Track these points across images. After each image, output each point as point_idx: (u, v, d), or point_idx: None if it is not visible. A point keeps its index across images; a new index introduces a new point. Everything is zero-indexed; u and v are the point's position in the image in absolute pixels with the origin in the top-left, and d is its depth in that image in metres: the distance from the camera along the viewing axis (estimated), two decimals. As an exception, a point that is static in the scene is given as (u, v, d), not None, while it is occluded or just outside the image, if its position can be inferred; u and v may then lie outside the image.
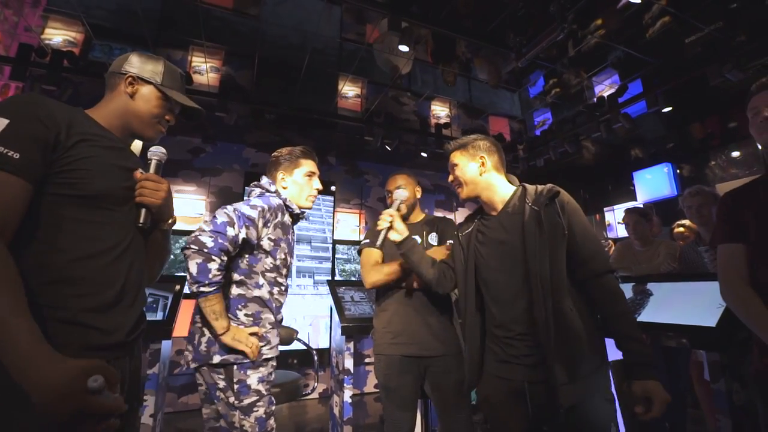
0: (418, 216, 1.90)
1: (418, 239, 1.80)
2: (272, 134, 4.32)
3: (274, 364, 1.40)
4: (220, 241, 1.22)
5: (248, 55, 4.05)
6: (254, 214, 1.31)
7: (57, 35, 3.43)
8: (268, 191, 1.48)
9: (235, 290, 1.34)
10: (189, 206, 4.09)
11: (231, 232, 1.24)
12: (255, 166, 4.49)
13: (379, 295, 1.80)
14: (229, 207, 1.30)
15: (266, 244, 1.37)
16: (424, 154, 4.50)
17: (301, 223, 4.63)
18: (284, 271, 1.46)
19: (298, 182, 1.51)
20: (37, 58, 3.04)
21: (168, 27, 3.80)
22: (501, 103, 5.57)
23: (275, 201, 1.41)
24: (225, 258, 1.25)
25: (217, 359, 1.27)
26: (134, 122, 1.00)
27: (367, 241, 1.86)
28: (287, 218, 1.47)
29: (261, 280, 1.37)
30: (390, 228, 1.45)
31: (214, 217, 1.27)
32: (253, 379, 1.30)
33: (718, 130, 4.12)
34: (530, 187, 1.26)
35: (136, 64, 1.00)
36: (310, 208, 1.56)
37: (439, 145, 4.51)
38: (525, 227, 1.17)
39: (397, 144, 4.27)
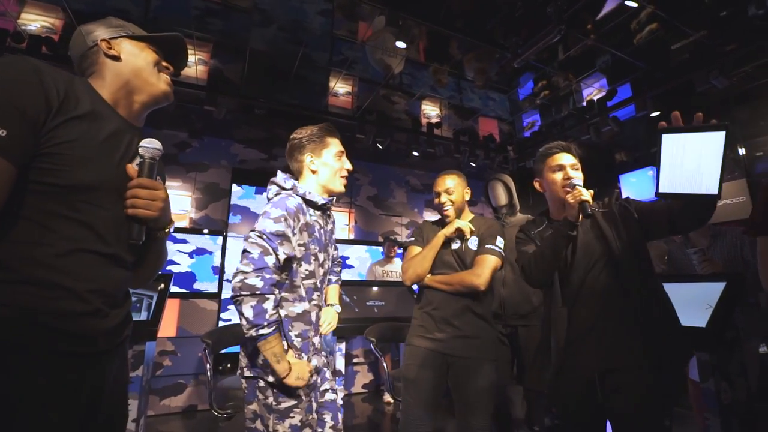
0: (466, 217, 1.91)
1: (459, 242, 1.80)
2: (261, 130, 4.23)
3: (315, 364, 1.28)
4: (267, 276, 1.12)
5: (237, 49, 3.95)
6: (281, 227, 1.18)
7: (35, 21, 3.27)
8: (284, 189, 1.32)
9: (281, 311, 1.23)
10: (173, 202, 3.94)
11: (271, 260, 1.14)
12: (243, 162, 4.39)
13: (420, 291, 1.84)
14: (253, 233, 1.17)
15: (298, 251, 1.24)
16: (415, 153, 4.48)
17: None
18: (321, 273, 1.33)
19: (328, 164, 1.36)
20: (13, 43, 2.89)
21: (155, 17, 3.66)
22: (490, 104, 5.60)
23: (293, 203, 1.25)
24: (278, 291, 1.16)
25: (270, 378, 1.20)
26: (140, 83, 0.88)
27: (412, 238, 1.91)
28: (310, 216, 1.30)
29: (302, 292, 1.26)
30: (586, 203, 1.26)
31: (247, 252, 1.15)
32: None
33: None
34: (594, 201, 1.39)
35: (96, 30, 0.88)
36: (343, 192, 1.42)
37: (430, 144, 4.49)
38: (601, 227, 1.30)
39: (388, 143, 4.24)
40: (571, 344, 1.26)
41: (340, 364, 2.41)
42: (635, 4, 2.67)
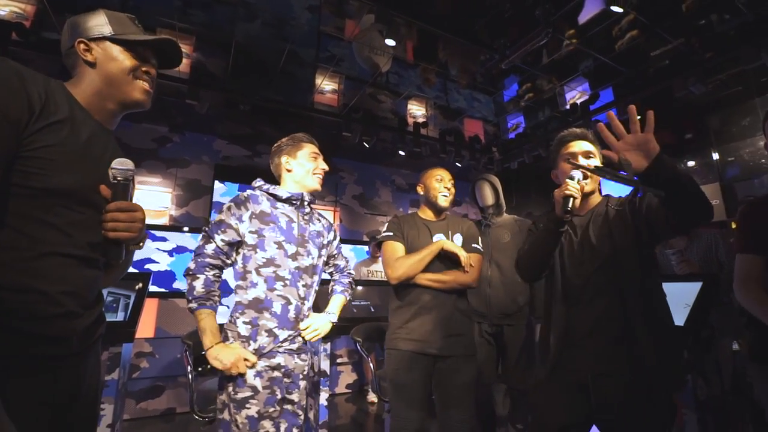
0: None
1: (442, 236, 1.78)
2: (245, 126, 4.14)
3: (280, 362, 1.29)
4: (200, 260, 1.30)
5: (221, 42, 3.85)
6: (223, 216, 1.34)
7: (5, 6, 3.10)
8: (253, 187, 1.46)
9: (234, 297, 1.34)
10: (153, 199, 3.84)
11: (210, 247, 1.31)
12: (226, 158, 4.29)
13: (399, 290, 1.77)
14: (208, 224, 1.36)
15: (250, 238, 1.33)
16: (401, 153, 4.48)
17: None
18: (293, 265, 1.36)
19: (302, 163, 1.47)
20: (-20, 28, 2.73)
21: (135, 5, 3.54)
22: (476, 105, 5.65)
23: (245, 194, 1.39)
24: (212, 272, 1.31)
25: None
26: (112, 90, 0.87)
27: (390, 233, 1.82)
28: (270, 207, 1.39)
29: (255, 278, 1.32)
30: (576, 199, 1.21)
31: (199, 243, 1.34)
32: (249, 372, 1.24)
33: (675, 141, 4.39)
34: (613, 198, 1.33)
35: (78, 28, 0.86)
36: (318, 190, 1.50)
37: (416, 144, 4.49)
38: (610, 226, 1.23)
39: (374, 141, 4.22)
40: (569, 344, 1.21)
41: (325, 365, 2.38)
42: (620, 10, 2.73)
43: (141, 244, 0.94)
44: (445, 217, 1.91)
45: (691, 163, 4.28)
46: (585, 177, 1.25)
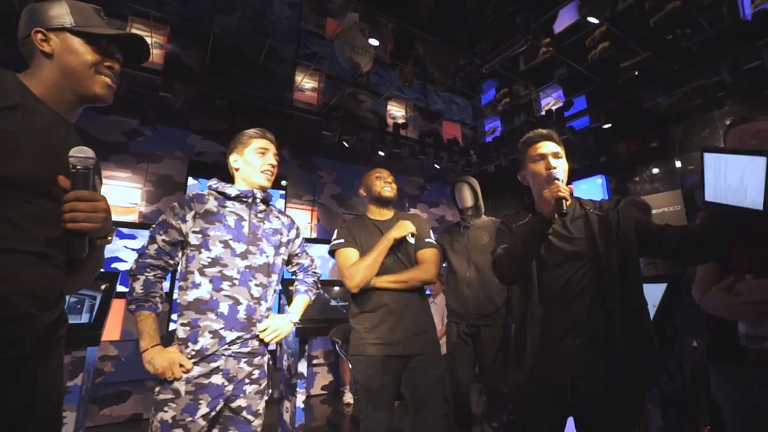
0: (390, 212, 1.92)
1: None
2: (221, 122, 4.03)
3: (221, 366, 1.23)
4: (140, 260, 1.28)
5: (198, 35, 3.73)
6: (165, 216, 1.33)
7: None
8: (207, 187, 1.45)
9: (177, 298, 1.31)
10: (121, 195, 3.67)
11: (153, 247, 1.29)
12: (201, 154, 4.15)
13: (359, 296, 1.73)
14: (154, 224, 1.34)
15: (193, 238, 1.30)
16: (381, 153, 4.48)
17: (250, 218, 4.37)
18: (242, 264, 1.32)
19: (249, 160, 1.44)
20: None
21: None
22: (454, 108, 5.74)
23: (190, 195, 1.36)
24: (153, 273, 1.28)
25: None
26: (71, 83, 0.83)
27: (341, 240, 1.79)
28: (212, 206, 1.35)
29: (198, 278, 1.27)
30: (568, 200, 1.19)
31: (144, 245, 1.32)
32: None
33: (641, 148, 4.61)
34: (584, 200, 1.35)
35: (37, 16, 0.82)
36: (267, 187, 1.45)
37: (396, 145, 4.51)
38: (592, 229, 1.23)
39: (354, 141, 4.20)
40: (547, 346, 1.21)
41: (302, 366, 2.34)
42: (596, 21, 2.84)
43: (108, 237, 0.88)
44: (394, 214, 1.92)
45: (655, 170, 4.51)
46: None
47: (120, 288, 3.42)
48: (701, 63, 3.00)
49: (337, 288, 4.28)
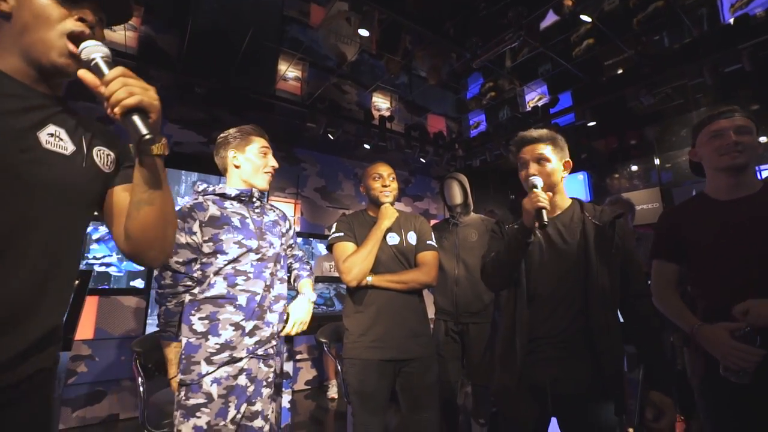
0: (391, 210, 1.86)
1: (397, 237, 1.74)
2: (200, 111, 3.85)
3: (245, 367, 1.26)
4: (159, 291, 1.27)
5: (174, 18, 3.53)
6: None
7: None
8: (197, 192, 1.40)
9: (187, 298, 1.28)
10: (92, 186, 3.47)
11: (167, 276, 1.26)
12: (179, 144, 3.97)
13: (355, 293, 1.69)
14: None
15: (206, 247, 1.28)
16: (367, 146, 4.41)
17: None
18: (254, 258, 1.33)
19: (251, 159, 1.41)
20: None
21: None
22: (440, 102, 5.70)
23: (187, 204, 1.31)
24: (174, 301, 1.27)
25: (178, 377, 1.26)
26: (36, 48, 0.67)
27: (340, 234, 1.74)
28: (215, 210, 1.32)
29: (214, 279, 1.27)
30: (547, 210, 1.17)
31: (156, 271, 1.29)
32: (206, 378, 1.19)
33: (622, 146, 4.72)
34: (586, 203, 1.31)
35: None
36: (265, 189, 1.45)
37: (381, 137, 4.44)
38: (587, 238, 1.21)
39: (339, 133, 4.11)
40: (532, 349, 1.23)
41: (288, 366, 2.29)
42: (589, 19, 2.84)
43: (164, 141, 0.70)
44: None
45: (634, 168, 4.62)
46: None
47: (91, 284, 3.26)
48: (683, 64, 3.06)
49: (320, 285, 4.22)
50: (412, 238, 1.78)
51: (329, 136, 3.99)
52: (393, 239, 1.75)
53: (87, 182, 0.75)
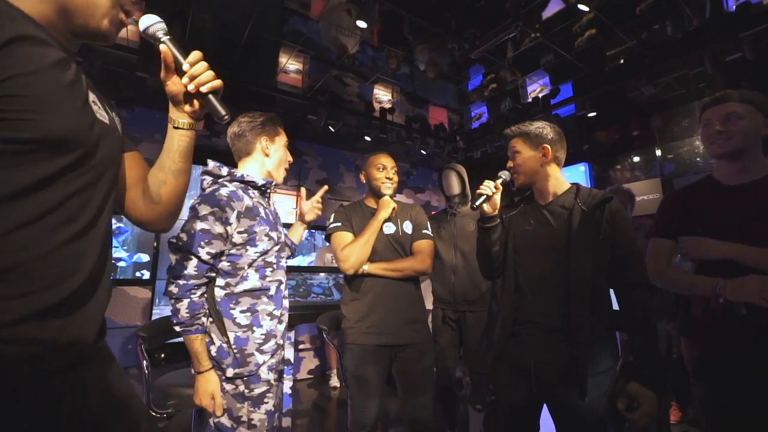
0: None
1: (393, 226, 1.77)
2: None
3: (284, 355, 1.38)
4: (181, 282, 1.17)
5: (175, 11, 3.55)
6: (207, 225, 1.18)
7: None
8: (219, 177, 1.30)
9: (220, 292, 1.23)
10: (97, 179, 3.52)
11: (191, 266, 1.17)
12: (180, 137, 4.01)
13: (353, 281, 1.74)
14: (172, 240, 1.18)
15: (238, 238, 1.23)
16: (367, 138, 4.42)
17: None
18: (276, 248, 1.35)
19: (279, 152, 1.40)
20: None
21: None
22: (441, 94, 5.68)
23: (224, 192, 1.21)
24: (198, 293, 1.20)
25: (230, 372, 1.21)
26: (86, 9, 0.62)
27: (338, 224, 1.78)
28: (248, 200, 1.26)
29: (246, 272, 1.25)
30: (490, 197, 1.30)
31: (168, 259, 1.20)
32: (263, 367, 1.23)
33: (623, 137, 4.69)
34: (584, 189, 1.31)
35: None
36: (280, 183, 1.46)
37: (382, 129, 4.45)
38: (571, 224, 1.22)
39: (340, 125, 4.13)
40: (516, 332, 1.26)
41: (289, 353, 2.35)
42: (586, 8, 2.82)
43: (196, 114, 0.79)
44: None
45: (636, 159, 4.60)
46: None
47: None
48: (684, 53, 3.03)
49: (322, 274, 4.27)
50: (408, 227, 1.82)
51: (330, 128, 4.00)
52: (389, 228, 1.79)
53: (121, 155, 0.74)
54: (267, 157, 1.37)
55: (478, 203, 1.27)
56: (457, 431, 2.44)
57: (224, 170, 1.30)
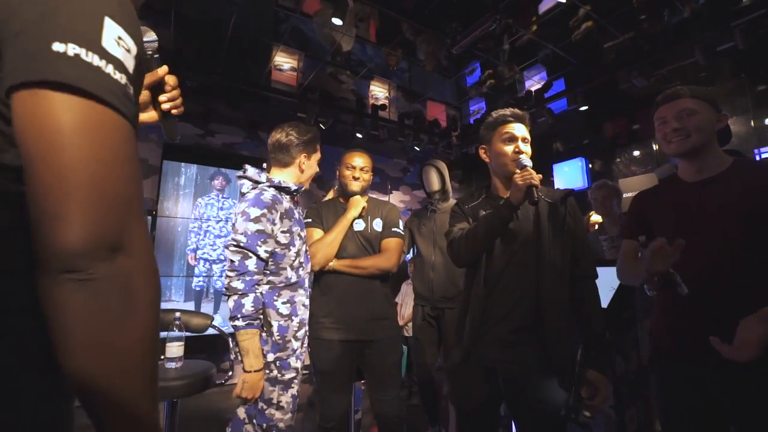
0: (364, 198, 1.91)
1: (363, 223, 1.78)
2: (196, 104, 3.94)
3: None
4: (248, 278, 1.28)
5: (163, 10, 3.59)
6: (261, 226, 1.31)
7: None
8: (258, 182, 1.42)
9: (264, 287, 1.36)
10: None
11: (252, 263, 1.29)
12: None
13: (319, 278, 1.76)
14: (232, 243, 1.29)
15: (282, 238, 1.37)
16: (359, 136, 4.43)
17: (227, 202, 4.34)
18: (304, 246, 1.50)
19: (312, 167, 1.53)
20: None
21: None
22: (439, 89, 5.64)
23: (268, 196, 1.35)
24: (259, 289, 1.33)
25: (270, 357, 1.34)
26: None
27: (309, 220, 1.80)
28: (286, 203, 1.42)
29: (286, 269, 1.40)
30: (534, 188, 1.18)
31: (230, 260, 1.29)
32: (291, 356, 1.36)
33: (624, 131, 4.60)
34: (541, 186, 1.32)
35: None
36: (307, 188, 1.59)
37: (374, 126, 4.45)
38: (540, 216, 1.23)
39: (332, 123, 4.14)
40: (483, 331, 1.23)
41: (272, 348, 2.38)
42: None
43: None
44: (368, 200, 1.90)
45: (636, 153, 4.51)
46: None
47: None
48: (675, 44, 2.96)
49: (316, 271, 4.26)
50: (378, 224, 1.82)
51: (320, 125, 4.02)
52: (359, 225, 1.79)
53: None
54: (301, 172, 1.50)
55: (536, 197, 1.15)
56: (438, 427, 2.44)
57: (263, 176, 1.42)
